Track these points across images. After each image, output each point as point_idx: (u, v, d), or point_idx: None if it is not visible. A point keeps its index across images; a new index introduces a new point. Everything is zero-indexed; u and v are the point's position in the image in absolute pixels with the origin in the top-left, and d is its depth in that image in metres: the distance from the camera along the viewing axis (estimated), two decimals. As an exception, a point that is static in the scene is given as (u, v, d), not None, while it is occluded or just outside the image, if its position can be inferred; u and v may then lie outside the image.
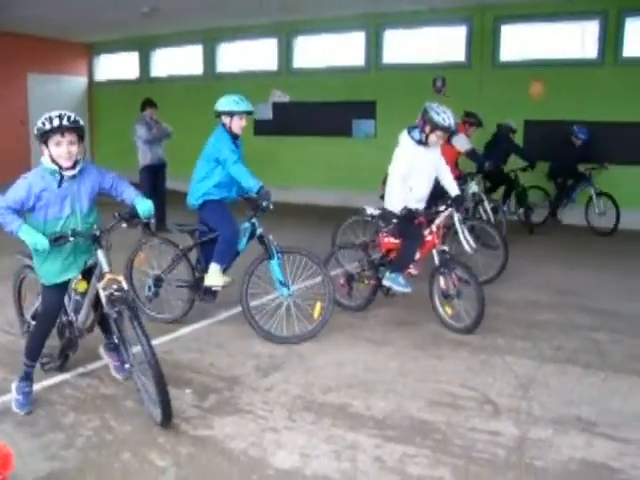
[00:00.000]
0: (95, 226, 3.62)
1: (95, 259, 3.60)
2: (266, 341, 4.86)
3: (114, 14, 11.33)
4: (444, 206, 5.39)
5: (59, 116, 3.35)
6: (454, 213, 5.58)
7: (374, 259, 5.60)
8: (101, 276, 3.55)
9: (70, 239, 3.46)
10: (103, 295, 3.53)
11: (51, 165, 3.45)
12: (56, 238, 3.40)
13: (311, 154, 12.47)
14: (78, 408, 3.73)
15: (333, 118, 12.14)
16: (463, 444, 3.38)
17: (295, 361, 4.54)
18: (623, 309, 5.73)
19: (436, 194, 5.81)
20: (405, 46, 11.60)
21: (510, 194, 9.50)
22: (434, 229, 5.28)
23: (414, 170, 5.23)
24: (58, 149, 3.40)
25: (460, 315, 5.07)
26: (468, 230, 6.35)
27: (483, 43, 10.79)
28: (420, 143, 5.24)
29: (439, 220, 5.33)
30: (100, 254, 3.56)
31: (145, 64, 14.71)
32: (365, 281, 5.63)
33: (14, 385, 3.74)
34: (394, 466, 3.16)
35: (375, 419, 3.65)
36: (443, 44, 11.24)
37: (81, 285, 3.71)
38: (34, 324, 3.87)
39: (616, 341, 4.94)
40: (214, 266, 5.07)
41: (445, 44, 11.21)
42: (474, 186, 7.79)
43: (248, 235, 5.13)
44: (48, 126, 3.35)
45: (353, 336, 5.06)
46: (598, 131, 9.43)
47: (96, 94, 15.65)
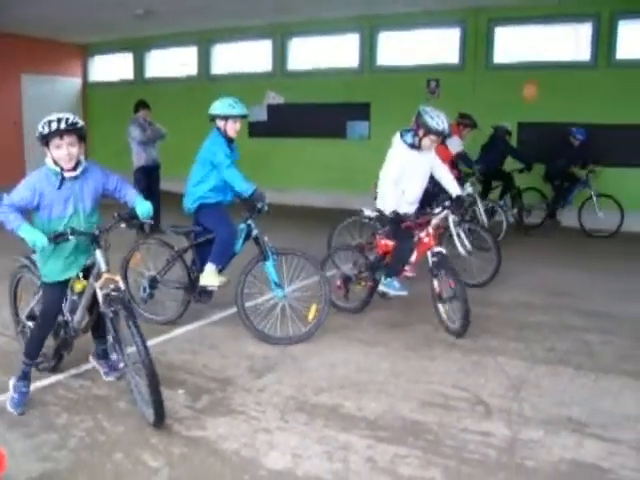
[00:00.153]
0: (95, 226, 3.67)
1: (93, 259, 3.63)
2: (260, 342, 4.87)
3: (108, 15, 11.35)
4: (440, 207, 5.35)
5: (58, 119, 3.43)
6: (449, 215, 5.59)
7: (371, 261, 5.59)
8: (98, 275, 3.58)
9: (69, 237, 3.50)
10: (100, 294, 3.57)
11: (53, 166, 3.52)
12: (55, 236, 3.44)
13: (306, 156, 12.49)
14: (71, 409, 3.73)
15: (327, 120, 12.16)
16: (455, 445, 3.39)
17: (288, 362, 4.55)
18: (616, 310, 5.76)
19: (432, 194, 5.82)
20: (399, 48, 11.63)
21: (505, 194, 9.51)
22: (430, 231, 5.23)
23: (406, 173, 5.24)
24: (58, 151, 3.47)
25: (452, 318, 5.07)
26: (465, 232, 6.39)
27: (477, 45, 10.84)
28: (413, 147, 5.24)
29: (435, 221, 5.30)
30: (98, 254, 3.59)
31: (139, 65, 14.70)
32: (362, 283, 5.61)
33: (11, 383, 3.76)
34: (386, 467, 3.17)
35: (367, 420, 3.67)
36: (437, 46, 11.28)
37: (78, 285, 3.75)
38: (34, 323, 3.88)
39: (608, 342, 4.97)
40: (210, 266, 5.08)
41: (439, 46, 11.26)
42: (468, 187, 7.82)
43: (244, 236, 5.14)
44: (47, 130, 3.42)
45: (346, 337, 5.07)
46: (591, 133, 9.43)
47: (90, 95, 15.62)
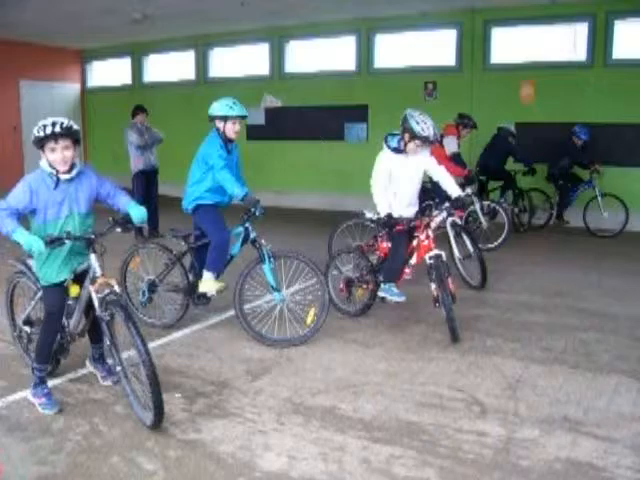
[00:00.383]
0: (90, 230, 3.70)
1: (88, 263, 3.65)
2: (256, 345, 4.88)
3: (106, 20, 11.40)
4: (438, 210, 5.34)
5: (52, 123, 3.48)
6: (447, 217, 5.59)
7: (373, 263, 5.55)
8: (94, 280, 3.60)
9: (65, 241, 3.54)
10: (96, 298, 3.59)
11: (48, 169, 3.58)
12: (52, 240, 3.47)
13: (303, 159, 12.51)
14: (68, 413, 3.74)
15: (325, 122, 12.19)
16: (450, 445, 3.40)
17: (285, 364, 4.56)
18: (614, 310, 5.76)
19: (428, 191, 5.82)
20: (396, 50, 11.67)
21: (505, 194, 9.48)
22: (430, 233, 5.19)
23: (394, 177, 5.21)
24: (53, 155, 3.53)
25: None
26: (465, 234, 6.38)
27: (473, 46, 10.87)
28: (398, 151, 5.20)
29: (434, 224, 5.26)
30: (93, 258, 3.62)
31: (137, 70, 14.75)
32: (364, 286, 5.56)
33: (30, 393, 3.81)
34: (381, 467, 3.18)
35: (363, 421, 3.67)
36: (434, 48, 11.32)
37: (73, 289, 3.77)
38: (41, 327, 3.88)
39: (604, 342, 4.97)
40: (207, 274, 5.09)
41: (436, 48, 11.29)
42: (467, 188, 7.82)
43: (242, 239, 5.15)
44: (42, 133, 3.48)
45: (343, 339, 5.08)
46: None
47: (89, 100, 15.68)
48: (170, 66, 14.30)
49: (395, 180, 5.24)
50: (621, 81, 9.67)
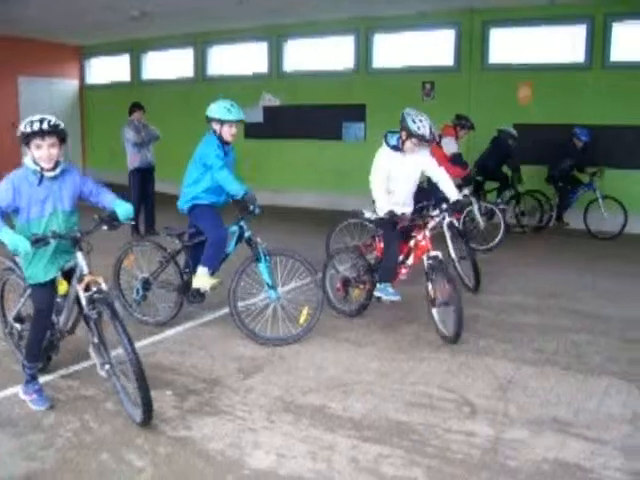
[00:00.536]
0: (76, 228, 3.69)
1: (75, 261, 3.65)
2: (249, 343, 4.89)
3: (105, 17, 11.39)
4: (437, 211, 5.34)
5: (40, 120, 3.48)
6: (445, 218, 5.59)
7: (371, 263, 5.55)
8: (81, 278, 3.60)
9: (51, 241, 3.52)
10: (83, 297, 3.59)
11: (33, 165, 3.56)
12: (37, 240, 3.45)
13: (301, 157, 12.51)
14: (59, 409, 3.75)
15: (323, 121, 12.19)
16: (438, 444, 3.41)
17: (277, 363, 4.57)
18: (606, 312, 5.77)
19: (425, 191, 5.81)
20: (394, 50, 11.67)
21: (501, 195, 9.48)
22: (427, 234, 5.19)
23: (392, 174, 5.24)
24: (39, 151, 3.52)
25: (445, 324, 5.02)
26: (461, 236, 6.39)
27: (472, 47, 10.86)
28: (396, 149, 5.24)
29: (432, 225, 5.27)
30: (79, 256, 3.61)
31: (136, 67, 14.74)
32: (361, 286, 5.55)
33: (21, 390, 3.81)
34: (369, 466, 3.19)
35: (353, 420, 3.68)
36: (432, 48, 11.31)
37: (62, 287, 3.76)
38: (30, 325, 3.88)
39: (595, 343, 4.98)
40: (202, 269, 5.08)
41: (434, 48, 11.28)
42: (465, 189, 7.83)
43: (236, 238, 5.15)
44: (29, 129, 3.47)
45: (335, 338, 5.09)
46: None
47: (87, 97, 15.67)
48: (168, 63, 14.29)
49: (392, 178, 5.26)
50: (619, 83, 9.66)
